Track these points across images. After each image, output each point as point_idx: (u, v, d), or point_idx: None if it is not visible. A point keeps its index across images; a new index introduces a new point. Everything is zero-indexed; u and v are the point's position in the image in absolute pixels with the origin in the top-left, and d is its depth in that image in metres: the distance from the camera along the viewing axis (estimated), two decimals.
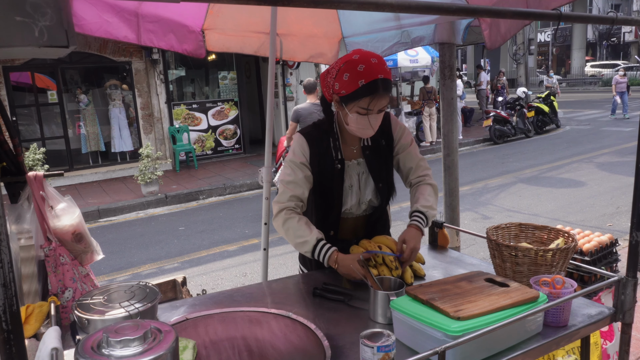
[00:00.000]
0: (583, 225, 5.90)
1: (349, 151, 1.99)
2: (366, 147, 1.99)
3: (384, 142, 2.01)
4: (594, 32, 36.56)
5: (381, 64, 1.77)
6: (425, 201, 1.96)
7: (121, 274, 5.50)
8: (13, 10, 0.96)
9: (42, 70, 10.32)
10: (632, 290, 1.58)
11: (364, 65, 1.73)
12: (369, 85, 1.73)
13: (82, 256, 2.03)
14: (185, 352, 1.37)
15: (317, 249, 1.83)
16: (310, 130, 1.98)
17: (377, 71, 1.73)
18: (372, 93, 1.74)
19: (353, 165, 1.98)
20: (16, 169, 2.03)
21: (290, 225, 1.87)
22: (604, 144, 11.49)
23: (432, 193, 2.01)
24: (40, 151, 7.88)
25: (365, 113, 1.78)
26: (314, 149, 1.94)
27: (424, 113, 12.38)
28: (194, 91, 12.34)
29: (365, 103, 1.76)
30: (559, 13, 1.37)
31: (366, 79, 1.72)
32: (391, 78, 1.82)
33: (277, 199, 1.92)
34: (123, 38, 2.46)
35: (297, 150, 1.94)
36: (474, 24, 2.67)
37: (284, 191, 1.92)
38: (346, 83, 1.75)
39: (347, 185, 1.97)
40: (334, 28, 3.21)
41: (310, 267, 2.14)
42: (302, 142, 1.94)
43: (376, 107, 1.78)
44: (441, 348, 1.20)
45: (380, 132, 1.94)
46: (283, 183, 1.93)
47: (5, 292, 0.71)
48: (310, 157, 1.93)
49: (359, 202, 2.01)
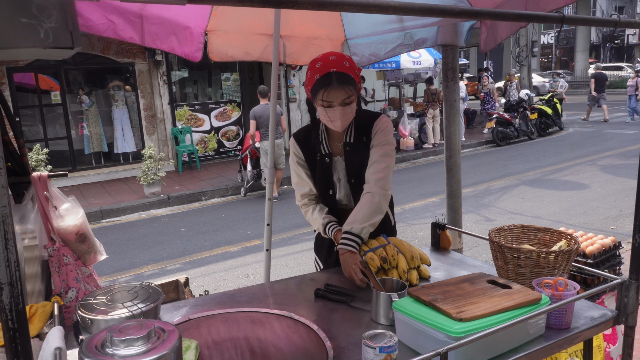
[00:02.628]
0: (586, 227, 5.88)
1: (336, 147, 2.12)
2: (347, 144, 2.08)
3: (365, 139, 2.08)
4: (598, 34, 36.49)
5: (340, 60, 1.91)
6: (351, 219, 1.97)
7: (123, 274, 5.50)
8: (18, 12, 0.97)
9: (46, 71, 10.35)
10: (635, 293, 1.57)
11: (321, 62, 1.92)
12: (321, 79, 1.89)
13: (86, 256, 2.03)
14: (188, 352, 1.37)
15: (327, 232, 2.09)
16: (299, 132, 2.19)
17: (331, 66, 1.89)
18: (326, 86, 1.89)
19: (339, 160, 2.11)
20: (21, 169, 2.03)
21: (309, 217, 2.18)
22: (608, 147, 11.46)
23: (365, 204, 1.98)
24: (43, 152, 7.91)
25: (327, 105, 1.92)
26: (304, 147, 2.14)
27: (428, 115, 12.36)
28: (196, 92, 12.37)
29: (322, 95, 1.91)
30: (561, 15, 1.37)
31: (320, 73, 1.90)
32: (352, 73, 1.92)
33: (296, 199, 2.24)
34: (129, 39, 2.48)
35: (293, 153, 2.17)
36: (476, 26, 2.68)
37: (296, 192, 2.21)
38: (309, 79, 1.95)
39: (336, 178, 2.12)
40: (337, 30, 3.22)
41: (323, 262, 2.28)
42: (294, 144, 2.17)
43: (333, 98, 1.90)
44: (443, 349, 1.20)
45: (362, 130, 2.07)
46: (294, 185, 2.22)
47: (12, 291, 0.72)
48: (303, 155, 2.15)
49: (347, 195, 2.14)
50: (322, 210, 2.13)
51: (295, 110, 12.89)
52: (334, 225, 2.07)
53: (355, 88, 1.94)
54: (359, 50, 3.25)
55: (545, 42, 36.68)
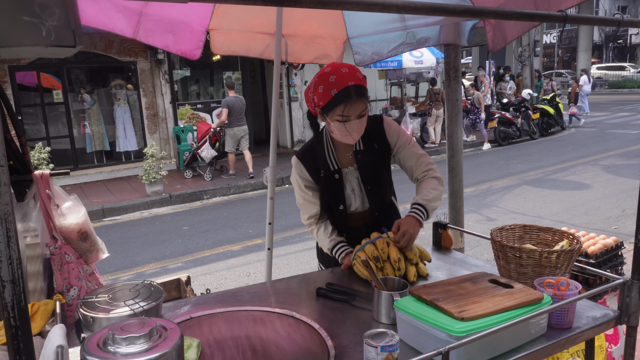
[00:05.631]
0: (588, 227, 5.87)
1: (345, 158, 2.09)
2: (358, 152, 2.07)
3: (377, 145, 2.08)
4: (600, 34, 36.39)
5: (352, 72, 1.87)
6: (425, 194, 2.01)
7: (125, 273, 5.51)
8: (21, 10, 0.97)
9: (48, 69, 10.36)
10: (637, 293, 1.57)
11: (334, 75, 1.85)
12: (340, 93, 1.83)
13: (88, 255, 2.03)
14: (190, 350, 1.37)
15: (334, 253, 2.10)
16: (304, 151, 2.13)
17: (348, 79, 1.84)
18: (345, 100, 1.83)
19: (350, 171, 2.09)
20: (23, 167, 2.04)
21: (315, 235, 2.17)
22: (610, 147, 11.44)
23: (435, 186, 2.05)
24: (45, 150, 7.92)
25: (345, 120, 1.87)
26: (310, 166, 2.08)
27: (432, 115, 12.32)
28: (198, 91, 12.37)
29: (341, 110, 1.85)
30: (564, 15, 1.37)
31: (338, 88, 1.83)
32: (365, 84, 1.91)
33: (301, 217, 2.20)
34: (119, 31, 2.47)
35: (297, 174, 2.10)
36: (479, 25, 2.67)
37: (302, 212, 2.17)
38: (322, 95, 1.86)
39: (349, 190, 2.10)
40: (339, 29, 3.21)
41: (327, 264, 2.28)
42: (298, 166, 2.10)
43: (352, 112, 1.86)
44: (445, 348, 1.20)
45: (371, 135, 2.06)
46: (299, 205, 2.17)
47: (14, 289, 0.72)
48: (310, 174, 2.09)
49: (363, 202, 2.13)
50: (326, 230, 2.13)
51: (297, 109, 12.88)
52: (343, 248, 2.08)
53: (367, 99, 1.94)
54: (361, 49, 3.25)
55: (547, 42, 36.60)
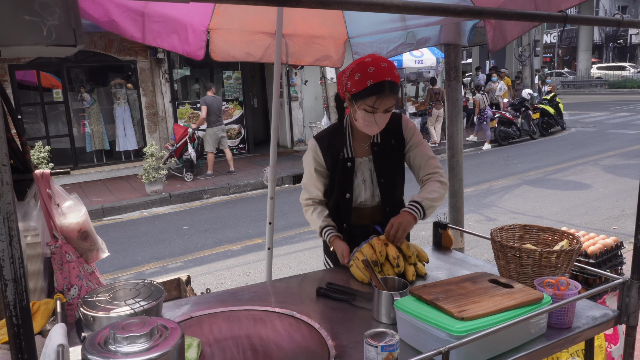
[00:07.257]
0: (588, 227, 5.87)
1: (361, 148, 2.14)
2: (375, 144, 2.13)
3: (394, 141, 2.13)
4: (600, 34, 36.40)
5: (390, 68, 1.93)
6: (425, 194, 2.05)
7: (125, 272, 5.51)
8: (22, 10, 0.97)
9: (48, 68, 10.35)
10: (636, 292, 1.57)
11: (374, 67, 1.90)
12: (376, 86, 1.89)
13: (88, 254, 2.04)
14: (190, 350, 1.37)
15: (323, 234, 2.17)
16: (323, 135, 2.20)
17: (385, 74, 1.90)
18: (379, 93, 1.90)
19: (364, 162, 2.14)
20: (23, 166, 2.04)
21: (308, 216, 2.23)
22: (610, 147, 11.44)
23: (436, 188, 2.07)
24: (45, 149, 7.92)
25: (372, 111, 1.94)
26: (326, 150, 2.14)
27: (432, 115, 12.31)
28: (198, 90, 12.36)
29: (372, 101, 1.92)
30: (564, 15, 1.37)
31: (374, 80, 1.89)
32: (399, 82, 1.98)
33: (300, 197, 2.27)
34: (130, 37, 2.48)
35: (311, 156, 2.17)
36: (479, 25, 2.67)
37: (303, 191, 2.25)
38: (357, 82, 1.92)
39: (360, 180, 2.14)
40: (340, 29, 3.21)
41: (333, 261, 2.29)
42: (314, 147, 2.16)
43: (382, 106, 1.93)
44: (445, 348, 1.20)
45: (390, 131, 2.12)
46: (303, 184, 2.25)
47: (16, 287, 0.72)
48: (323, 157, 2.15)
49: (372, 195, 2.16)
50: (321, 212, 2.19)
51: (297, 109, 12.88)
52: (330, 230, 2.14)
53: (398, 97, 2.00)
54: (361, 49, 3.25)
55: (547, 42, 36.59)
